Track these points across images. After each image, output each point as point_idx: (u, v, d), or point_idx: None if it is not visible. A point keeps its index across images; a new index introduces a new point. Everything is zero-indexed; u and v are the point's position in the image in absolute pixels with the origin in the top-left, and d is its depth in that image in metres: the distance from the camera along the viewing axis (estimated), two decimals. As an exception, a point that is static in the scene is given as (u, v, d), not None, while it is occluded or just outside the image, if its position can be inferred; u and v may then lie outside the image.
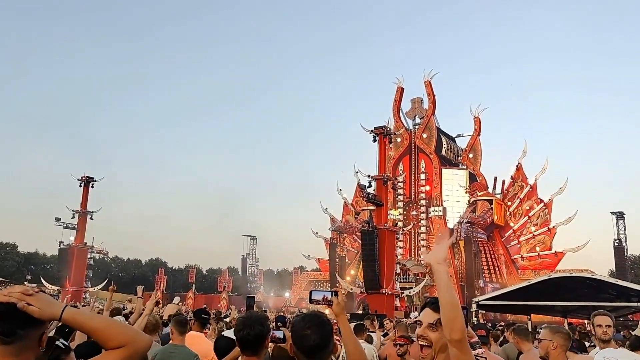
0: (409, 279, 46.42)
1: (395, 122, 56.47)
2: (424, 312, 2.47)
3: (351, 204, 59.70)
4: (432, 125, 56.78)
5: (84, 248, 51.12)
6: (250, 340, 3.12)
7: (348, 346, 2.69)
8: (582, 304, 18.49)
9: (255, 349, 3.15)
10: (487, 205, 52.37)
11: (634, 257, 63.21)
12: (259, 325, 3.19)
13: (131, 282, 53.67)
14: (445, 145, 58.17)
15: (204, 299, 51.28)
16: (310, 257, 62.34)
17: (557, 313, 21.78)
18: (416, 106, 58.47)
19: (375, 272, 35.35)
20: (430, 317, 2.41)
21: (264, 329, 3.20)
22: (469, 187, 54.45)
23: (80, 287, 49.13)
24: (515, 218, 53.13)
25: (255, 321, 3.23)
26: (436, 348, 2.37)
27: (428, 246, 53.22)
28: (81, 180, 51.04)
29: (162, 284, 61.68)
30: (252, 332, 3.13)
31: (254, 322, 3.21)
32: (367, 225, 37.42)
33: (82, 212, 50.78)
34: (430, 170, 55.72)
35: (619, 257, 46.57)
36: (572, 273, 21.26)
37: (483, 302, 21.49)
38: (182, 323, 5.30)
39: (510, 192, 54.14)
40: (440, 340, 2.33)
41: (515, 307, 23.67)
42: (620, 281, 20.23)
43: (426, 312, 2.46)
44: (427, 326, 2.41)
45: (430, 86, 56.46)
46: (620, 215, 48.91)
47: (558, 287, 19.05)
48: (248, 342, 3.13)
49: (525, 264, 51.03)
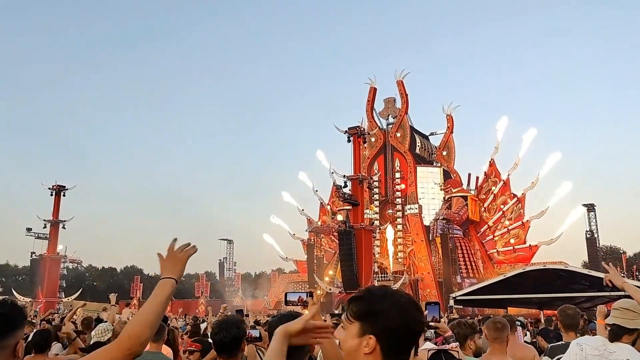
0: (387, 277, 46.60)
1: (369, 122, 56.66)
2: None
3: (327, 205, 59.77)
4: (406, 124, 57.16)
5: (57, 258, 50.25)
6: (226, 343, 3.11)
7: (325, 345, 2.67)
8: (557, 296, 18.80)
9: (232, 351, 3.13)
10: (462, 202, 52.93)
11: (606, 247, 64.58)
12: (235, 328, 3.18)
13: (106, 290, 52.68)
14: (419, 144, 58.65)
15: (181, 304, 50.65)
16: (288, 259, 62.22)
17: (533, 305, 22.14)
18: (389, 106, 58.81)
19: (353, 272, 35.48)
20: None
21: (239, 332, 3.18)
22: (444, 184, 54.95)
23: (53, 298, 48.22)
24: (489, 213, 53.81)
25: (232, 324, 3.22)
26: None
27: (405, 244, 53.58)
28: (52, 189, 50.26)
29: (138, 292, 60.89)
30: (229, 335, 3.12)
31: (230, 325, 3.20)
32: (344, 225, 37.56)
33: (53, 222, 49.97)
34: (405, 168, 56.06)
35: (592, 248, 47.43)
36: (547, 265, 21.63)
37: (460, 297, 21.70)
38: (158, 330, 5.24)
39: (484, 188, 54.84)
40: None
41: (492, 301, 23.99)
42: (593, 271, 20.65)
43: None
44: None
45: (403, 86, 56.84)
46: (592, 208, 49.82)
47: (533, 279, 19.36)
48: (224, 345, 3.12)
49: (501, 258, 51.71)
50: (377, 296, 1.59)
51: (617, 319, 3.43)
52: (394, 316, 1.55)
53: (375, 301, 1.57)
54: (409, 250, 53.20)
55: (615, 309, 3.48)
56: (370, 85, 58.37)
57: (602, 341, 3.41)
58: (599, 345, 3.37)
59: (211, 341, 3.37)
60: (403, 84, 56.78)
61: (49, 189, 50.29)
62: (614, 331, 3.43)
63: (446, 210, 51.83)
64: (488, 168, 55.08)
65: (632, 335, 3.40)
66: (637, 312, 3.40)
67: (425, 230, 52.16)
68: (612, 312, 3.51)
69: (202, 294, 60.88)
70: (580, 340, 3.61)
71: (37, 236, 49.61)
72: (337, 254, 44.86)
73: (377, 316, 1.54)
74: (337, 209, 55.50)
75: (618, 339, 3.38)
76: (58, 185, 50.47)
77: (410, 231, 53.44)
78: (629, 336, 3.38)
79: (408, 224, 53.75)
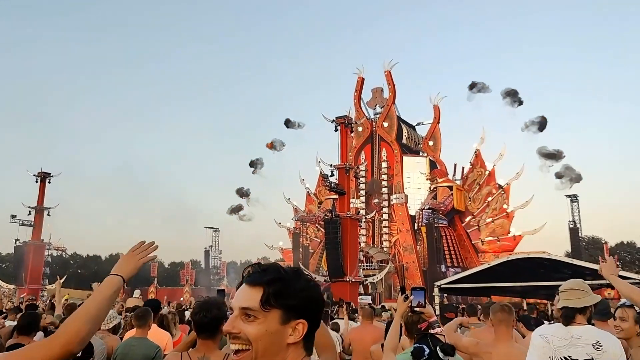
0: (372, 266, 46.90)
1: (356, 112, 56.76)
2: (239, 290, 1.36)
3: (314, 194, 59.92)
4: (393, 114, 57.31)
5: (41, 245, 50.00)
6: (206, 323, 3.12)
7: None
8: (539, 284, 19.04)
9: (211, 332, 3.14)
10: (447, 192, 53.29)
11: (588, 237, 65.38)
12: (215, 309, 3.19)
13: (91, 278, 52.64)
14: (406, 134, 58.86)
15: (166, 292, 50.68)
16: (274, 248, 62.37)
17: (516, 294, 22.48)
18: (377, 96, 58.88)
19: (339, 260, 35.61)
20: (246, 299, 1.33)
21: (220, 313, 3.19)
22: (430, 174, 55.29)
23: (37, 285, 47.95)
24: (475, 203, 54.22)
25: (213, 305, 3.24)
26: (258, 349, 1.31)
27: (390, 233, 53.91)
28: (37, 176, 50.04)
29: (123, 279, 60.71)
30: (209, 316, 3.12)
31: (211, 305, 3.22)
32: (330, 214, 37.64)
33: (38, 209, 49.68)
34: (392, 158, 56.27)
35: (574, 238, 47.98)
36: (530, 255, 21.86)
37: (445, 285, 21.90)
38: (141, 316, 5.29)
39: (469, 178, 55.20)
40: (264, 338, 1.30)
41: (476, 290, 24.24)
42: (575, 260, 20.90)
43: (242, 290, 1.36)
44: (240, 313, 1.33)
45: (391, 76, 56.93)
46: (575, 198, 50.37)
47: (516, 268, 19.56)
48: (204, 326, 3.13)
49: (485, 247, 52.19)
50: (291, 274, 1.35)
51: (566, 300, 3.35)
52: (317, 295, 1.38)
53: (294, 280, 1.34)
54: (394, 240, 53.56)
55: (562, 292, 3.41)
56: (359, 75, 58.38)
57: (565, 328, 3.35)
58: (564, 334, 3.29)
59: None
60: (391, 74, 56.88)
61: (34, 175, 50.05)
62: (566, 313, 3.37)
63: (432, 200, 52.16)
64: (474, 158, 55.46)
65: (585, 314, 3.36)
66: (584, 289, 3.36)
67: (411, 219, 52.50)
68: (560, 295, 3.42)
69: (187, 282, 60.84)
70: (542, 330, 3.52)
71: (21, 223, 49.30)
72: (323, 243, 45.02)
73: (303, 298, 1.33)
74: (323, 198, 55.72)
75: (571, 321, 3.30)
76: (43, 172, 50.20)
77: (395, 220, 53.76)
78: (582, 316, 3.32)
79: (394, 214, 54.06)
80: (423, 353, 2.85)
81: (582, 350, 3.20)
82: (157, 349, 5.00)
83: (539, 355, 3.36)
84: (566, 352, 3.25)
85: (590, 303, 3.35)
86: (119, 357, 4.84)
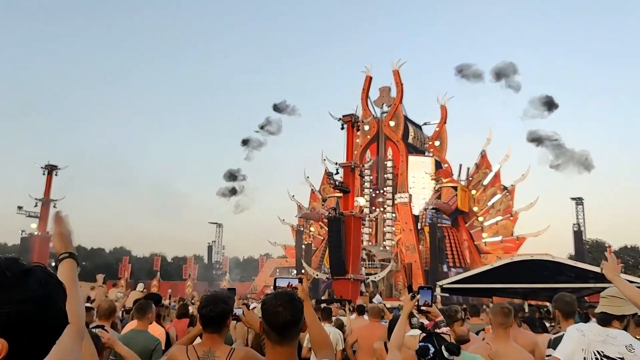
0: (374, 264, 46.91)
1: (363, 110, 56.65)
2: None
3: (318, 191, 59.96)
4: (400, 113, 57.17)
5: (47, 237, 50.22)
6: (213, 317, 3.15)
7: (312, 329, 2.74)
8: (541, 286, 19.03)
9: (218, 326, 3.17)
10: (452, 192, 53.16)
11: (592, 241, 65.21)
12: (222, 304, 3.22)
13: (95, 270, 52.98)
14: (412, 133, 58.69)
15: (169, 286, 50.88)
16: (277, 244, 62.47)
17: (518, 295, 22.40)
18: (384, 95, 58.74)
19: (341, 258, 35.64)
20: None
21: (227, 307, 3.23)
22: (435, 174, 55.19)
23: (42, 276, 48.26)
24: (479, 204, 54.13)
25: (220, 299, 3.26)
26: None
27: (393, 232, 53.88)
28: (44, 168, 50.47)
29: (126, 272, 61.08)
30: (216, 310, 3.16)
31: (218, 300, 3.25)
32: (334, 211, 37.67)
33: (45, 201, 50.03)
34: (397, 157, 56.18)
35: (578, 241, 47.85)
36: (533, 257, 21.83)
37: (447, 285, 21.93)
38: (141, 309, 5.36)
39: (474, 179, 55.07)
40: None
41: (478, 290, 24.25)
42: (579, 263, 20.89)
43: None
44: None
45: (398, 75, 56.75)
46: (580, 201, 50.29)
47: (519, 270, 19.55)
48: (211, 319, 3.16)
49: (488, 249, 52.12)
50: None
51: (606, 307, 3.50)
52: (38, 307, 1.07)
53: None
54: (397, 239, 53.55)
55: (603, 298, 3.56)
56: (366, 73, 58.27)
57: (602, 328, 3.49)
58: (600, 332, 3.45)
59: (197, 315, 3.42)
60: (399, 73, 56.71)
61: (41, 167, 50.53)
62: (603, 318, 3.50)
63: (436, 200, 52.09)
64: (480, 159, 55.35)
65: (622, 322, 3.49)
66: (624, 299, 3.44)
67: (414, 219, 52.46)
68: (601, 300, 3.58)
69: (190, 277, 61.15)
70: (579, 326, 3.66)
71: (28, 214, 49.80)
72: (326, 241, 45.04)
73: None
74: (327, 196, 55.76)
75: (608, 325, 3.47)
76: (50, 165, 50.72)
77: (399, 220, 53.74)
78: (620, 323, 3.46)
79: (397, 213, 54.03)
80: (428, 352, 2.90)
81: (615, 349, 3.32)
82: (157, 341, 5.06)
83: (572, 346, 3.48)
84: (600, 347, 3.37)
85: (629, 312, 3.47)
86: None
